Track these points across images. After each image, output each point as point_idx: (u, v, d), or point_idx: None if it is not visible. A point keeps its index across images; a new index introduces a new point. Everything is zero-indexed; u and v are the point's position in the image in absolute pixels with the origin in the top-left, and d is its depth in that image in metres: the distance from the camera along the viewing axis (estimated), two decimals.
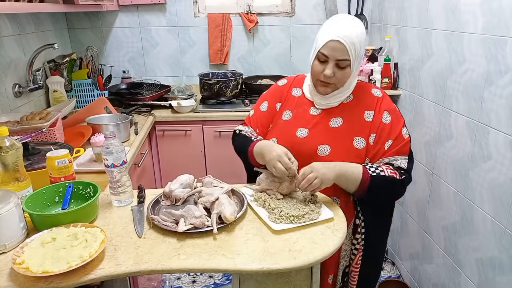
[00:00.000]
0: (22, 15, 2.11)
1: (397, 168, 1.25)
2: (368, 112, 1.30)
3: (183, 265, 0.97)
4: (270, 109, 1.44)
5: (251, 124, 1.46)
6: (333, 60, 1.22)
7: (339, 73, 1.24)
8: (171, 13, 2.74)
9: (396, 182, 1.23)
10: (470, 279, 1.67)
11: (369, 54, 2.46)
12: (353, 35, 1.20)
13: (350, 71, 1.24)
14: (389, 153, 1.27)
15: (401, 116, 1.32)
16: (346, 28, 1.20)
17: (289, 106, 1.40)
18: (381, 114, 1.29)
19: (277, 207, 1.16)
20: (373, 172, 1.22)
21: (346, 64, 1.22)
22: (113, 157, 1.19)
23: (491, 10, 1.47)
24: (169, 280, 2.37)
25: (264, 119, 1.44)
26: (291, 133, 1.34)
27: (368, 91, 1.34)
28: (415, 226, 2.16)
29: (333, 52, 1.21)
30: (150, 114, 2.37)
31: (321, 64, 1.25)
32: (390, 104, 1.32)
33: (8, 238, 1.01)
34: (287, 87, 1.44)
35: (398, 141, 1.27)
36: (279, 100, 1.43)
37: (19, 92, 2.03)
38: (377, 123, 1.28)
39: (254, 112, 1.48)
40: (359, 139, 1.28)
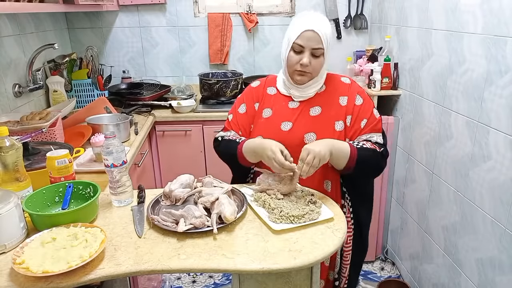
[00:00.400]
0: (22, 15, 2.11)
1: (374, 143, 1.37)
2: (342, 98, 1.40)
3: (183, 265, 0.97)
4: (249, 110, 1.48)
5: (232, 127, 1.48)
6: (309, 49, 1.31)
7: (314, 62, 1.33)
8: (171, 13, 2.74)
9: (377, 154, 1.34)
10: (470, 279, 1.67)
11: (369, 54, 2.46)
12: (323, 25, 1.31)
13: (323, 60, 1.34)
14: (365, 130, 1.38)
15: (370, 99, 1.44)
16: (316, 20, 1.31)
17: (268, 104, 1.45)
18: (353, 97, 1.40)
19: (277, 207, 1.16)
20: (357, 145, 1.32)
21: (320, 52, 1.32)
22: (113, 157, 1.19)
23: (491, 10, 1.47)
24: (169, 280, 2.37)
25: (244, 120, 1.47)
26: (275, 128, 1.39)
27: (337, 79, 1.46)
28: (415, 226, 2.16)
29: (308, 41, 1.30)
30: (150, 114, 2.37)
31: (296, 55, 1.33)
32: (359, 88, 1.44)
33: (8, 238, 1.01)
34: (261, 87, 1.50)
35: (371, 120, 1.39)
36: (256, 100, 1.48)
37: (19, 92, 2.03)
38: (351, 105, 1.39)
39: (233, 115, 1.50)
40: (338, 123, 1.38)
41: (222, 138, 1.46)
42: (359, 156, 1.29)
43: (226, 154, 1.45)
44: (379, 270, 2.49)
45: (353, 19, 2.75)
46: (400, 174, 2.32)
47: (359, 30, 2.78)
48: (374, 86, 2.27)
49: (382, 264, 2.53)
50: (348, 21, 2.75)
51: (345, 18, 2.75)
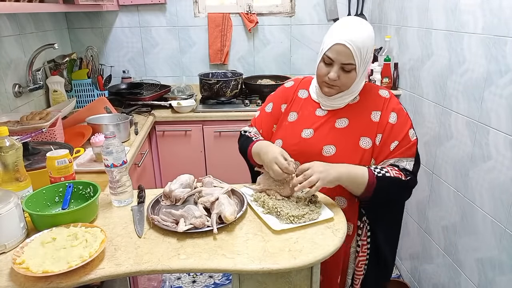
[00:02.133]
0: (22, 15, 2.11)
1: (402, 169, 1.24)
2: (375, 113, 1.29)
3: (183, 265, 0.96)
4: (274, 110, 1.44)
5: (256, 124, 1.47)
6: (338, 63, 1.22)
7: (343, 77, 1.23)
8: (171, 13, 2.74)
9: (401, 183, 1.22)
10: (470, 279, 1.67)
11: None
12: (359, 40, 1.19)
13: (355, 75, 1.24)
14: (395, 154, 1.25)
15: (408, 118, 1.30)
16: (352, 32, 1.19)
17: (295, 108, 1.40)
18: (388, 114, 1.28)
19: (277, 207, 1.16)
20: (378, 173, 1.20)
21: (351, 68, 1.22)
22: (113, 157, 1.19)
23: (491, 10, 1.47)
24: (169, 280, 2.37)
25: (267, 120, 1.45)
26: (296, 133, 1.34)
27: (375, 92, 1.33)
28: (415, 226, 2.16)
29: (338, 55, 1.20)
30: (150, 114, 2.37)
31: (326, 67, 1.24)
32: (397, 105, 1.31)
33: (8, 238, 1.01)
34: (294, 89, 1.44)
35: (404, 142, 1.25)
36: (285, 101, 1.43)
37: (19, 92, 2.03)
38: (383, 123, 1.27)
39: (260, 113, 1.49)
40: (365, 139, 1.27)
41: (244, 132, 1.47)
42: (377, 186, 1.18)
43: (241, 150, 1.44)
44: None
45: None
46: None
47: None
48: None
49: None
50: None
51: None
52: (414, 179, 1.26)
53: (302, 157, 1.26)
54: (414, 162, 1.27)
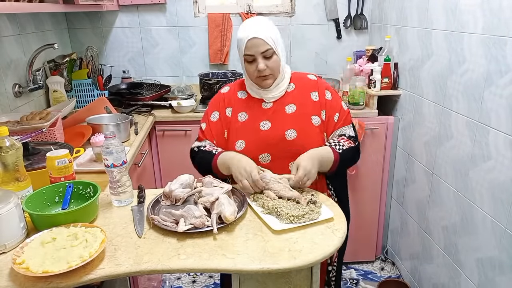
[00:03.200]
0: (22, 15, 2.11)
1: (349, 137, 1.44)
2: (313, 93, 1.46)
3: (183, 265, 0.97)
4: (222, 117, 1.49)
5: (207, 137, 1.49)
6: (258, 54, 1.36)
7: (269, 63, 1.37)
8: (171, 13, 2.74)
9: (354, 150, 1.44)
10: (470, 279, 1.67)
11: (369, 54, 2.46)
12: (263, 28, 1.36)
13: (278, 58, 1.39)
14: (339, 124, 1.45)
15: (337, 93, 1.51)
16: (255, 26, 1.37)
17: (241, 108, 1.47)
18: (323, 92, 1.46)
19: (277, 207, 1.16)
20: (339, 150, 1.38)
21: (271, 53, 1.37)
22: (113, 157, 1.19)
23: (491, 10, 1.47)
24: (169, 280, 2.37)
25: (218, 128, 1.48)
26: (255, 129, 1.42)
27: (304, 77, 1.51)
28: (415, 226, 2.16)
29: (254, 48, 1.35)
30: (150, 114, 2.37)
31: (251, 64, 1.39)
32: (326, 83, 1.51)
33: (8, 238, 1.01)
34: (232, 92, 1.52)
35: (342, 113, 1.47)
36: (228, 105, 1.50)
37: (19, 92, 2.03)
38: (323, 101, 1.45)
39: (206, 124, 1.51)
40: (315, 117, 1.43)
41: (198, 149, 1.47)
42: (341, 160, 1.37)
43: (202, 166, 1.45)
44: (379, 270, 2.49)
45: (353, 19, 2.75)
46: (400, 174, 2.32)
47: (359, 30, 2.78)
48: (374, 86, 2.27)
49: (382, 264, 2.53)
50: (348, 21, 2.74)
51: (345, 18, 2.75)
52: (359, 143, 1.48)
53: (269, 148, 1.40)
54: (352, 127, 1.48)
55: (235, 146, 1.42)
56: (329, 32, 2.79)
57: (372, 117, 2.28)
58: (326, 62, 2.85)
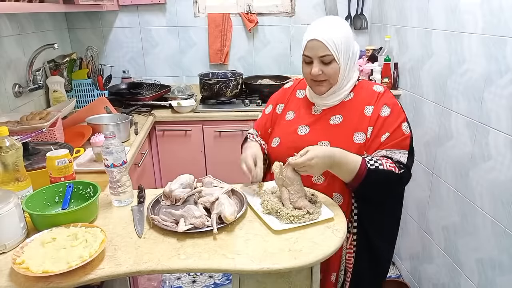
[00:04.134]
0: (22, 15, 2.11)
1: (395, 162, 1.24)
2: (368, 107, 1.30)
3: (183, 265, 0.97)
4: (272, 111, 1.51)
5: (256, 127, 1.55)
6: (316, 58, 1.27)
7: (326, 69, 1.27)
8: (171, 13, 2.74)
9: (393, 176, 1.22)
10: (470, 279, 1.67)
11: (369, 54, 2.46)
12: (328, 31, 1.25)
13: (338, 66, 1.27)
14: (386, 145, 1.26)
15: (402, 112, 1.31)
16: (320, 27, 1.27)
17: (292, 107, 1.45)
18: (379, 107, 1.29)
19: (277, 207, 1.16)
20: (372, 166, 1.20)
21: (329, 59, 1.26)
22: (113, 157, 1.19)
23: (491, 10, 1.47)
24: (169, 280, 2.37)
25: (265, 122, 1.51)
26: (292, 131, 1.39)
27: (369, 88, 1.35)
28: (415, 226, 2.16)
29: (313, 51, 1.27)
30: (150, 114, 2.37)
31: (308, 66, 1.31)
32: (391, 99, 1.31)
33: (8, 238, 1.01)
34: (291, 89, 1.51)
35: (396, 134, 1.26)
36: (282, 101, 1.49)
37: (19, 92, 2.03)
38: (375, 116, 1.28)
39: (261, 115, 1.56)
40: (359, 134, 1.29)
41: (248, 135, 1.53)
42: (367, 177, 1.19)
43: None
44: None
45: (353, 19, 2.75)
46: None
47: (359, 30, 2.78)
48: None
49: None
50: (348, 21, 2.74)
51: (345, 18, 2.75)
52: (407, 173, 1.26)
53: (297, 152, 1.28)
54: (408, 155, 1.27)
55: (272, 142, 1.43)
56: None
57: None
58: None
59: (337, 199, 1.32)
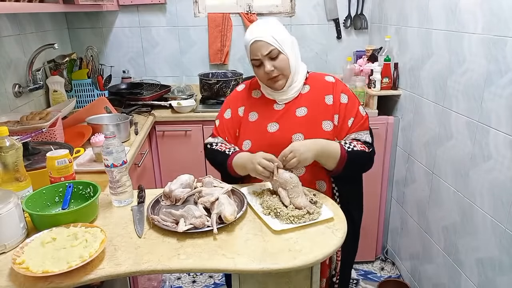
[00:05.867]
0: (22, 15, 2.11)
1: (363, 142, 1.39)
2: (328, 96, 1.41)
3: (183, 265, 0.97)
4: (233, 115, 1.49)
5: (220, 134, 1.50)
6: (263, 57, 1.33)
7: (276, 63, 1.34)
8: (171, 13, 2.74)
9: (366, 155, 1.38)
10: (470, 279, 1.67)
11: (369, 54, 2.46)
12: (263, 29, 1.33)
13: (286, 57, 1.34)
14: (353, 129, 1.40)
15: (355, 97, 1.45)
16: (254, 30, 1.35)
17: (253, 108, 1.46)
18: (338, 96, 1.41)
19: (277, 207, 1.16)
20: (348, 148, 1.33)
21: (276, 53, 1.33)
22: (113, 157, 1.19)
23: (491, 10, 1.47)
24: (169, 280, 2.37)
25: (229, 126, 1.48)
26: (262, 130, 1.41)
27: (321, 79, 1.46)
28: (415, 226, 2.16)
29: (258, 51, 1.33)
30: (150, 114, 2.37)
31: (260, 68, 1.36)
32: (344, 86, 1.45)
33: (8, 238, 1.01)
34: (247, 91, 1.52)
35: (358, 118, 1.40)
36: (241, 104, 1.49)
37: (19, 92, 2.03)
38: (337, 104, 1.40)
39: (219, 121, 1.51)
40: (326, 122, 1.38)
41: (210, 145, 1.47)
42: (348, 159, 1.32)
43: (216, 164, 1.46)
44: (379, 270, 2.49)
45: (353, 19, 2.75)
46: (400, 174, 2.32)
47: (359, 30, 2.78)
48: (374, 86, 2.27)
49: (382, 264, 2.53)
50: (348, 21, 2.74)
51: (345, 18, 2.75)
52: (374, 150, 1.42)
53: (274, 150, 1.32)
54: (370, 134, 1.42)
55: (242, 145, 1.42)
56: (329, 32, 2.79)
57: (372, 117, 2.28)
58: (326, 62, 2.85)
59: (321, 186, 1.40)
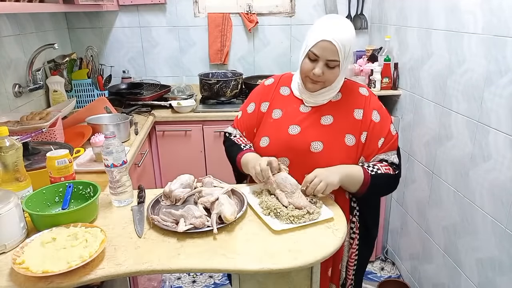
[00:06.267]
0: (22, 15, 2.11)
1: (390, 164, 1.33)
2: (358, 111, 1.34)
3: (183, 265, 0.97)
4: (256, 110, 1.45)
5: (239, 126, 1.48)
6: (323, 59, 1.25)
7: (328, 73, 1.27)
8: (171, 13, 2.74)
9: (391, 178, 1.32)
10: (470, 279, 1.67)
11: (369, 54, 2.46)
12: (344, 37, 1.23)
13: (339, 72, 1.28)
14: (383, 150, 1.33)
15: (388, 115, 1.38)
16: (338, 29, 1.24)
17: (278, 105, 1.41)
18: (370, 112, 1.33)
19: (277, 207, 1.16)
20: (372, 171, 1.27)
21: (335, 64, 1.25)
22: (113, 157, 1.19)
23: (491, 10, 1.47)
24: (169, 280, 2.37)
25: (250, 121, 1.45)
26: (283, 130, 1.36)
27: (355, 89, 1.38)
28: (415, 226, 2.16)
29: (323, 52, 1.24)
30: (150, 114, 2.37)
31: (311, 63, 1.28)
32: (378, 102, 1.38)
33: (8, 238, 1.01)
34: (274, 86, 1.46)
35: (388, 138, 1.34)
36: (266, 99, 1.44)
37: (19, 92, 2.03)
38: (367, 121, 1.32)
39: (242, 113, 1.49)
40: (349, 136, 1.32)
41: (229, 135, 1.48)
42: (371, 184, 1.26)
43: (228, 155, 1.46)
44: (379, 270, 2.49)
45: (353, 19, 2.75)
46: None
47: (359, 30, 2.78)
48: (374, 86, 2.27)
49: (382, 264, 2.53)
50: None
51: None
52: (400, 171, 1.36)
53: (290, 153, 1.30)
54: (397, 154, 1.36)
55: (260, 141, 1.38)
56: None
57: None
58: None
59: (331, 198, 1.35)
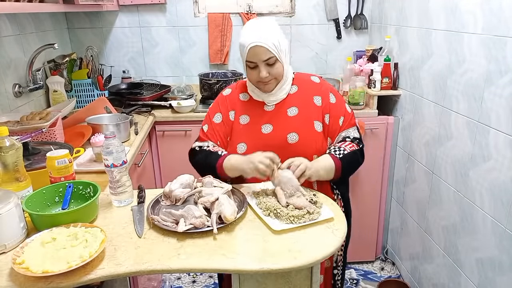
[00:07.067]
0: (22, 15, 2.11)
1: (353, 139, 1.42)
2: (316, 98, 1.43)
3: (183, 265, 0.97)
4: (224, 119, 1.46)
5: (210, 138, 1.46)
6: (261, 62, 1.32)
7: (272, 70, 1.34)
8: (171, 13, 2.74)
9: (358, 154, 1.40)
10: (470, 279, 1.67)
11: (369, 54, 2.46)
12: (267, 34, 1.30)
13: (281, 64, 1.35)
14: (343, 127, 1.43)
15: (341, 96, 1.50)
16: (257, 31, 1.31)
17: (243, 111, 1.46)
18: (327, 96, 1.43)
19: (276, 207, 1.16)
20: (340, 155, 1.35)
21: (273, 60, 1.32)
22: (113, 157, 1.19)
23: (491, 10, 1.47)
24: (169, 280, 2.37)
25: (222, 130, 1.46)
26: (256, 132, 1.41)
27: (308, 79, 1.48)
28: (415, 226, 2.16)
29: (257, 56, 1.31)
30: (150, 114, 2.37)
31: (253, 70, 1.35)
32: (330, 85, 1.48)
33: (8, 238, 1.01)
34: (234, 95, 1.50)
35: (347, 116, 1.44)
36: (231, 108, 1.47)
37: (19, 92, 2.03)
38: (327, 104, 1.42)
39: (208, 126, 1.48)
40: (317, 123, 1.41)
41: (200, 148, 1.44)
42: (343, 166, 1.34)
43: (202, 165, 1.42)
44: (379, 270, 2.49)
45: (353, 19, 2.75)
46: (400, 174, 2.32)
47: (359, 30, 2.78)
48: (374, 86, 2.27)
49: (382, 264, 2.54)
50: (348, 21, 2.74)
51: (345, 18, 2.75)
52: (363, 144, 1.45)
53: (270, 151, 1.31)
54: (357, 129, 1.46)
55: (236, 149, 1.41)
56: (329, 32, 2.79)
57: (372, 117, 2.28)
58: (326, 62, 2.85)
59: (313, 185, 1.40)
